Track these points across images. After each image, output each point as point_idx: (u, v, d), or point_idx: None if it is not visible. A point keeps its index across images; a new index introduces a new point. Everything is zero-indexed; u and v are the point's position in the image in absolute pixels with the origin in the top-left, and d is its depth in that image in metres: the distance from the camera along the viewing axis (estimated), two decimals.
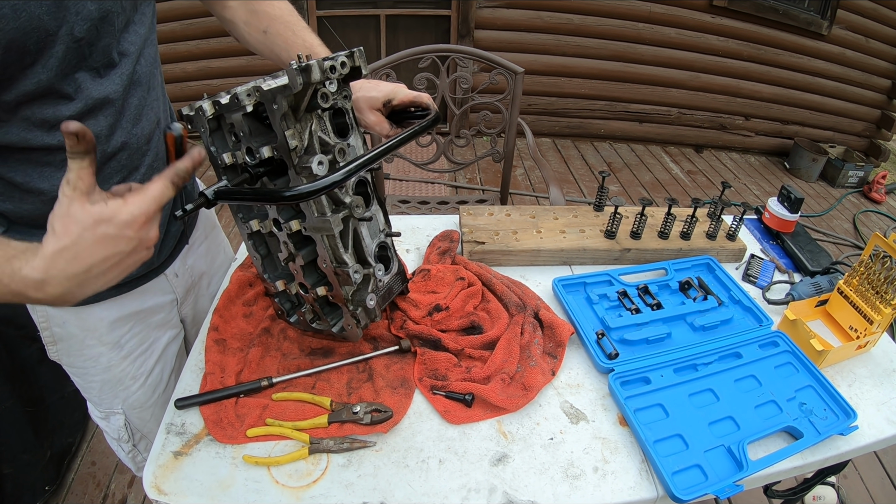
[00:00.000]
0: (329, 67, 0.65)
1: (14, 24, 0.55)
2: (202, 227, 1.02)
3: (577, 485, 0.71)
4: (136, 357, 0.91)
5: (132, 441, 1.01)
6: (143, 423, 0.99)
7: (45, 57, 0.60)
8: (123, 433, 0.98)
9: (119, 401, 0.94)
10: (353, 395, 0.80)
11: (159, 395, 0.97)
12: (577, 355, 0.90)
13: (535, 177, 3.56)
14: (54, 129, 0.64)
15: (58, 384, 1.55)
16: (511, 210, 1.20)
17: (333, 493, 0.68)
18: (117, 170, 0.75)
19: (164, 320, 0.95)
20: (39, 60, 0.59)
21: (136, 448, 1.03)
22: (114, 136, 0.72)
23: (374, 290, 0.80)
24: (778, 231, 1.23)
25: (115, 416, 0.96)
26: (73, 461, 1.65)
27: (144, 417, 0.97)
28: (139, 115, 0.75)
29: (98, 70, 0.67)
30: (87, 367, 0.89)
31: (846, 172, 3.86)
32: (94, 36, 0.65)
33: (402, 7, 3.54)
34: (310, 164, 0.64)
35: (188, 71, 3.51)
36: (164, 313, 0.95)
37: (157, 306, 0.92)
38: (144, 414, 0.97)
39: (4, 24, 0.54)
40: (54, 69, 0.61)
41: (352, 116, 0.74)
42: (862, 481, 1.73)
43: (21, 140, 0.63)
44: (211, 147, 0.73)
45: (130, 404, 0.95)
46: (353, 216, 0.72)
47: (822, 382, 0.85)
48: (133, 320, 0.89)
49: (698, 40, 3.75)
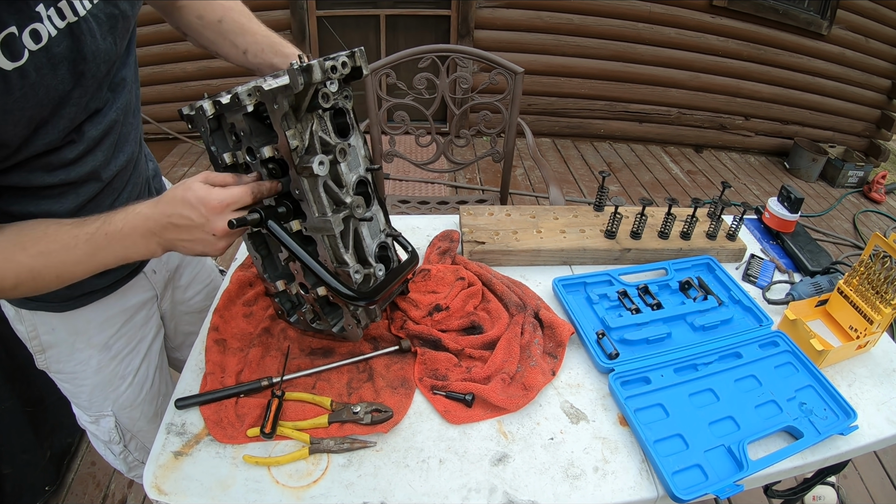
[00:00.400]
0: (330, 67, 0.65)
1: (33, 100, 0.58)
2: None
3: (578, 485, 0.71)
4: (123, 357, 0.93)
5: (123, 442, 1.01)
6: (133, 423, 1.00)
7: (57, 118, 0.63)
8: (114, 434, 0.99)
9: (109, 402, 0.95)
10: (353, 394, 0.80)
11: (146, 392, 0.99)
12: (578, 355, 0.90)
13: (535, 177, 3.56)
14: (56, 170, 0.67)
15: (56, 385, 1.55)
16: (511, 210, 1.20)
17: (334, 493, 0.68)
18: (109, 193, 0.77)
19: (147, 317, 0.97)
20: (51, 122, 0.62)
21: (127, 448, 1.04)
22: (109, 166, 0.75)
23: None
24: (778, 231, 1.23)
25: (105, 418, 0.97)
26: (73, 461, 1.65)
27: (134, 416, 0.99)
28: (126, 140, 0.77)
29: (97, 111, 0.70)
30: (78, 372, 0.90)
31: (846, 172, 3.86)
32: (97, 87, 0.68)
33: (402, 7, 3.54)
34: (310, 164, 0.64)
35: (188, 71, 3.51)
36: (146, 310, 0.97)
37: (140, 303, 0.94)
38: (134, 413, 0.99)
39: (24, 102, 0.57)
40: (65, 128, 0.64)
41: (352, 116, 0.73)
42: (862, 481, 1.73)
43: (23, 181, 0.66)
44: (211, 146, 0.73)
45: (121, 405, 0.96)
46: (354, 216, 0.72)
47: (822, 382, 0.85)
48: (119, 320, 0.90)
49: (698, 40, 3.75)
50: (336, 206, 0.71)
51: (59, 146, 0.66)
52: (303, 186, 0.67)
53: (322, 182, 0.67)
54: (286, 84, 0.61)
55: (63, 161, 0.67)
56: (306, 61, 0.62)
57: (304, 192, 0.68)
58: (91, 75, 0.64)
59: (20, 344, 0.94)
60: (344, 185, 0.72)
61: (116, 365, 0.92)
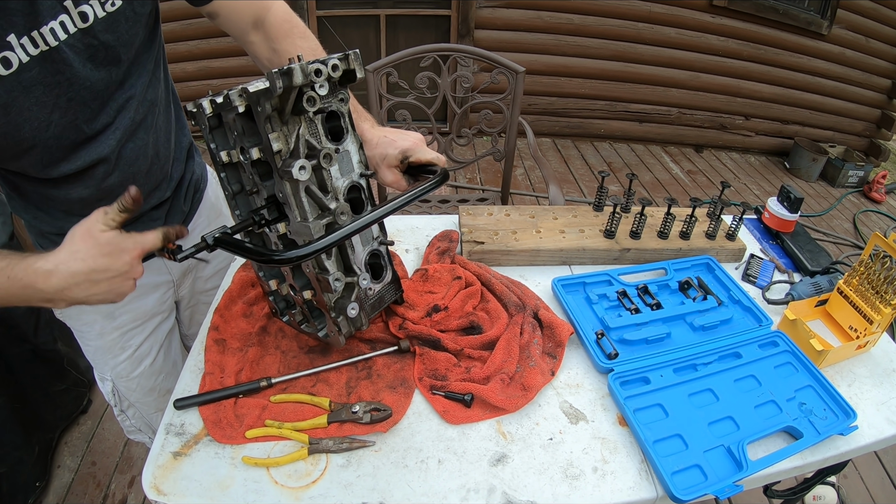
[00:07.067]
0: (314, 71, 0.64)
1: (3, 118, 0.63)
2: (205, 214, 1.04)
3: (577, 485, 0.71)
4: (127, 330, 0.97)
5: (120, 406, 1.08)
6: (130, 393, 1.05)
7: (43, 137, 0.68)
8: (112, 398, 1.07)
9: (108, 368, 1.01)
10: (352, 394, 0.80)
11: (146, 367, 1.03)
12: (577, 355, 0.90)
13: (535, 176, 3.56)
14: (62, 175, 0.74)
15: (43, 383, 1.60)
16: (510, 210, 1.20)
17: (333, 493, 0.68)
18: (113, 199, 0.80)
19: (159, 300, 1.01)
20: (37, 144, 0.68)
21: (125, 413, 1.10)
22: (109, 178, 0.79)
23: (361, 298, 0.79)
24: (778, 231, 1.23)
25: (105, 381, 1.04)
26: (58, 458, 1.66)
27: (130, 387, 1.04)
28: (135, 158, 0.81)
29: (94, 135, 0.74)
30: (84, 332, 0.97)
31: (846, 172, 3.86)
32: (89, 112, 0.72)
33: (402, 7, 3.54)
34: (290, 168, 0.63)
35: (188, 71, 3.51)
36: (160, 293, 1.00)
37: (153, 285, 0.98)
38: (130, 384, 1.04)
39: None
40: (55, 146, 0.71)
41: (347, 120, 0.73)
42: (862, 481, 1.73)
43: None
44: (211, 144, 0.73)
45: (118, 373, 1.01)
46: (338, 223, 0.70)
47: (821, 382, 0.85)
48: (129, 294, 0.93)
49: (698, 40, 3.75)
50: (321, 211, 0.70)
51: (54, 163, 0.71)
52: (285, 190, 0.67)
53: (304, 187, 0.67)
54: (267, 87, 0.61)
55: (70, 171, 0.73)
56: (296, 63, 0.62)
57: (287, 196, 0.67)
58: (69, 98, 0.68)
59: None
60: (330, 191, 0.71)
61: (119, 336, 0.97)
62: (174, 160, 0.91)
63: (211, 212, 1.05)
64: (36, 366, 1.55)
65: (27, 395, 1.52)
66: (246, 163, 0.69)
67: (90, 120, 0.72)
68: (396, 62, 1.64)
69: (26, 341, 1.51)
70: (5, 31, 0.59)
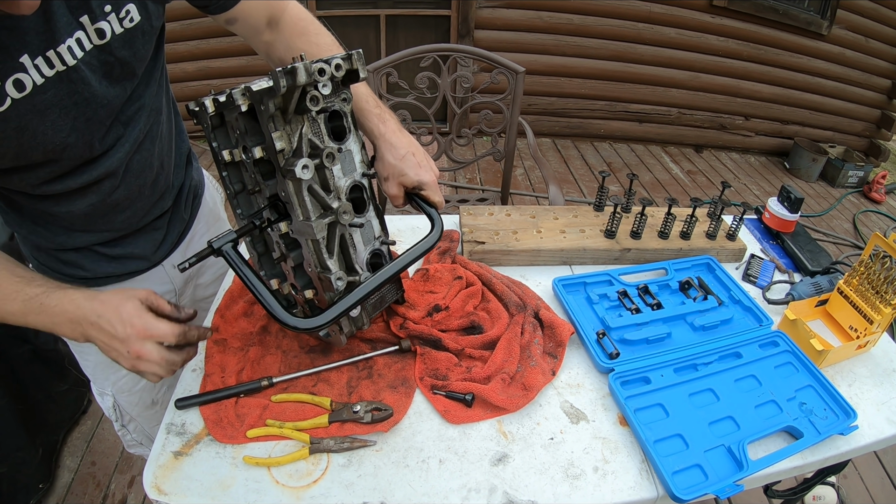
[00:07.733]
0: (318, 70, 0.64)
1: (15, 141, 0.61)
2: (204, 220, 1.04)
3: (578, 485, 0.71)
4: None
5: (121, 421, 1.07)
6: (131, 407, 1.04)
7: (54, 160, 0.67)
8: (112, 413, 1.05)
9: (109, 383, 0.99)
10: (353, 394, 0.80)
11: (146, 382, 1.01)
12: (578, 355, 0.90)
13: (535, 176, 3.56)
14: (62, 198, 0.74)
15: (45, 383, 1.60)
16: (511, 210, 1.20)
17: (334, 492, 0.68)
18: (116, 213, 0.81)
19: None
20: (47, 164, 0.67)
21: (126, 428, 1.09)
22: (115, 192, 0.78)
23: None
24: (778, 231, 1.23)
25: (105, 396, 1.02)
26: (60, 459, 1.66)
27: (132, 402, 1.03)
28: (141, 170, 0.80)
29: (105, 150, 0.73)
30: (83, 347, 0.94)
31: (846, 172, 3.86)
32: (104, 130, 0.70)
33: (402, 7, 3.54)
34: (294, 167, 0.63)
35: (188, 71, 3.51)
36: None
37: None
38: (132, 398, 1.02)
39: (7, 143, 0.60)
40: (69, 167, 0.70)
41: (350, 120, 0.73)
42: (862, 481, 1.73)
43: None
44: (213, 143, 0.73)
45: (119, 388, 1.00)
46: (340, 222, 0.71)
47: (822, 382, 0.85)
48: None
49: (698, 40, 3.75)
50: (323, 210, 0.70)
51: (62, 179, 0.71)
52: (287, 189, 0.67)
53: (307, 186, 0.67)
54: (271, 86, 0.61)
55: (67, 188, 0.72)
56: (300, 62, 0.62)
57: (289, 195, 0.67)
58: (87, 118, 0.66)
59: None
60: (332, 190, 0.71)
61: None
62: (175, 167, 0.91)
63: (210, 216, 1.05)
64: (37, 366, 1.55)
65: (29, 396, 1.52)
66: (248, 162, 0.69)
67: (104, 137, 0.71)
68: (396, 62, 1.64)
69: (27, 342, 1.51)
70: (18, 51, 0.56)
